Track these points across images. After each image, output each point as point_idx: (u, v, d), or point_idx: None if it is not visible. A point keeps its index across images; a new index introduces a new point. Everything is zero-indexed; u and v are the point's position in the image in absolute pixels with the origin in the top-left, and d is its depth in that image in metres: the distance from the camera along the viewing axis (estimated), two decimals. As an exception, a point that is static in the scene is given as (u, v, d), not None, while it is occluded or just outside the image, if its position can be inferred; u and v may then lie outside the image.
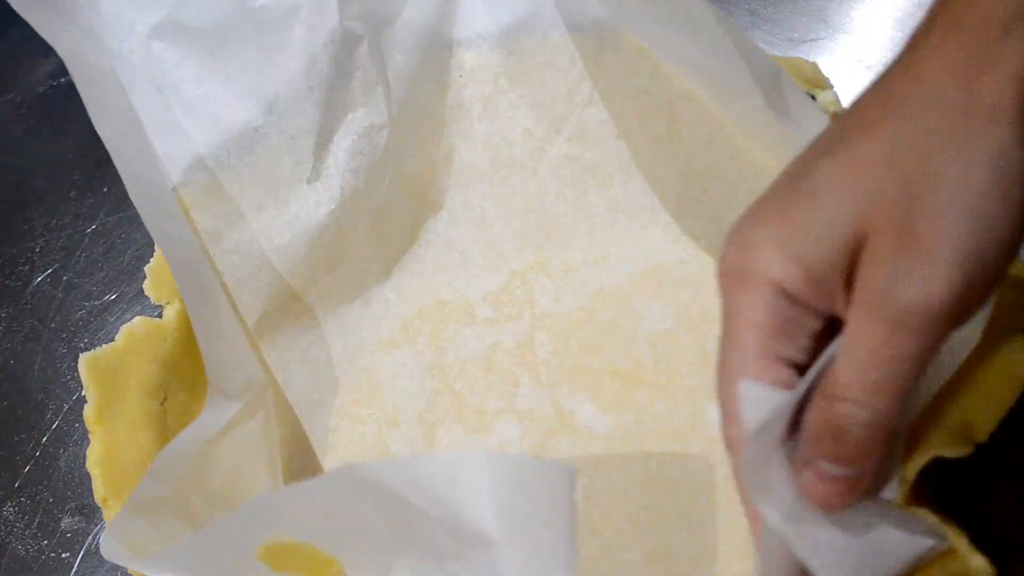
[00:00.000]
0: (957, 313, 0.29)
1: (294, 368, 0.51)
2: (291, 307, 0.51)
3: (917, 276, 0.28)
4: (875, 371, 0.29)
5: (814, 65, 0.48)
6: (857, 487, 0.31)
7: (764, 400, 0.31)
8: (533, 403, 0.50)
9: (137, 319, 0.49)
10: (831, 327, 0.32)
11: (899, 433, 0.31)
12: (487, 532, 0.30)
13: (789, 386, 0.31)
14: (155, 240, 0.45)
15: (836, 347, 0.30)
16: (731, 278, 0.32)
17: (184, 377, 0.48)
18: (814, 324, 0.31)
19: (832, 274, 0.30)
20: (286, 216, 0.50)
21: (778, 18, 0.56)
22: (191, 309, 0.44)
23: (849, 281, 0.30)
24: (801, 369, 0.32)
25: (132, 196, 0.45)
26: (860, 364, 0.29)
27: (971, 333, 0.36)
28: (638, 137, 0.52)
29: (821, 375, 0.31)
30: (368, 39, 0.50)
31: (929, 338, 0.29)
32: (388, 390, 0.51)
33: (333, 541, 0.33)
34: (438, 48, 0.53)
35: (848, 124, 0.31)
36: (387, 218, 0.53)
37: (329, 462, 0.50)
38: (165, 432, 0.47)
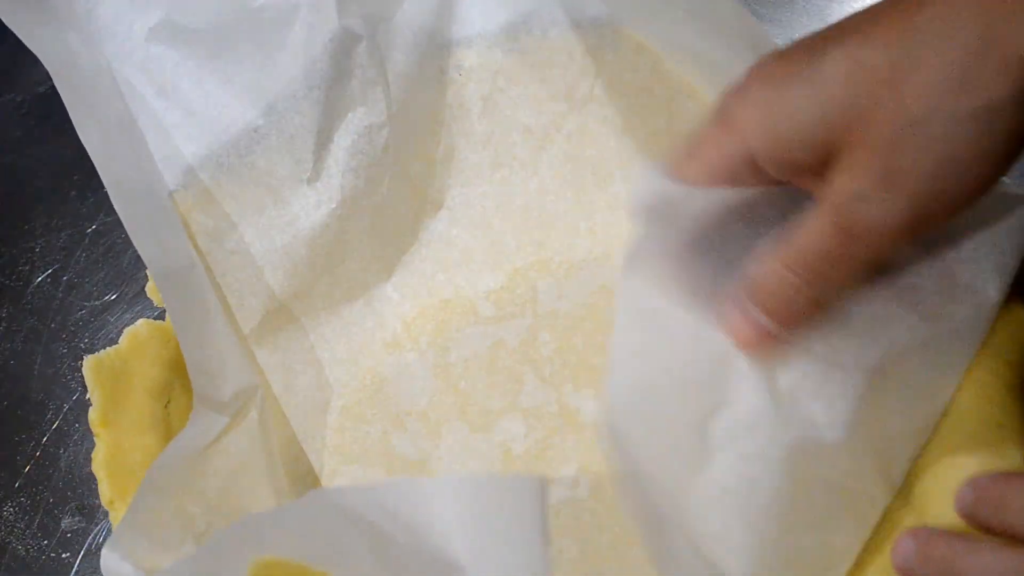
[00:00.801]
0: (906, 237, 0.32)
1: (297, 369, 0.51)
2: (293, 307, 0.51)
3: (879, 202, 0.32)
4: (821, 261, 0.33)
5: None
6: (768, 341, 0.35)
7: (655, 184, 0.35)
8: (537, 401, 0.50)
9: (140, 321, 0.49)
10: None
11: (822, 315, 0.36)
12: (454, 558, 0.31)
13: None
14: (138, 250, 0.44)
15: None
16: (722, 115, 0.35)
17: (187, 379, 0.48)
18: (763, 182, 0.35)
19: (800, 159, 0.33)
20: (287, 216, 0.50)
21: (778, 18, 0.57)
22: (175, 321, 0.44)
23: (820, 169, 0.33)
24: None
25: (116, 204, 0.44)
26: (812, 250, 0.33)
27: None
28: (639, 134, 0.52)
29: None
30: (367, 38, 0.50)
31: (873, 251, 0.33)
32: (392, 390, 0.52)
33: (322, 559, 0.33)
34: (437, 47, 0.53)
35: (869, 19, 0.32)
36: (388, 217, 0.53)
37: (334, 463, 0.50)
38: (169, 434, 0.47)
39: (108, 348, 0.48)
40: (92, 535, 0.52)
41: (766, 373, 0.36)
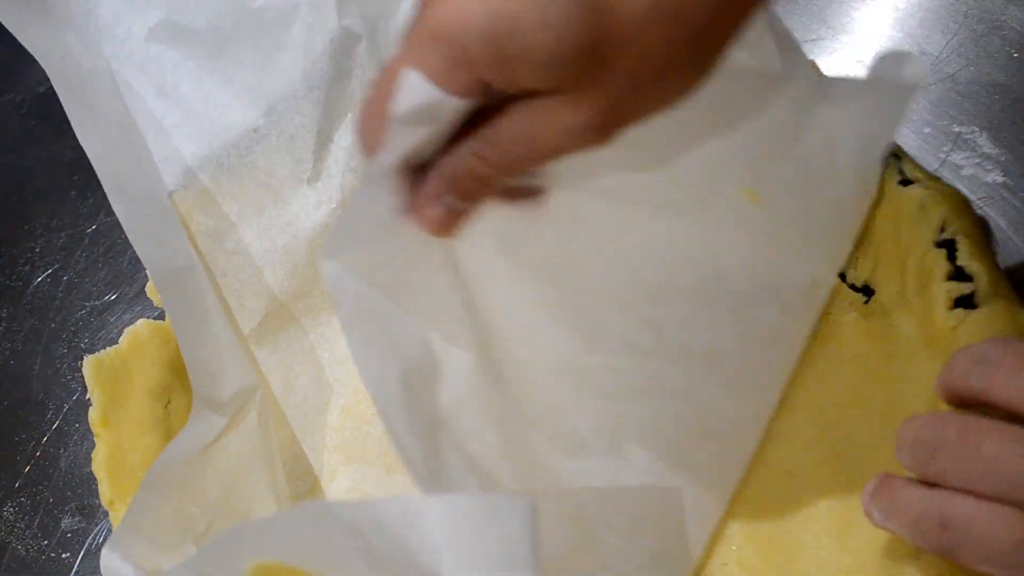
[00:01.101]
0: (592, 141, 0.32)
1: (298, 368, 0.51)
2: (294, 307, 0.51)
3: (560, 109, 0.31)
4: (504, 155, 0.33)
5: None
6: (454, 220, 0.35)
7: (424, 94, 0.31)
8: (538, 400, 0.50)
9: (140, 321, 0.49)
10: None
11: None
12: None
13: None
14: (138, 250, 0.44)
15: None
16: None
17: (187, 379, 0.48)
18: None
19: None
20: (287, 216, 0.50)
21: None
22: (175, 321, 0.44)
23: None
24: None
25: (115, 205, 0.45)
26: (505, 148, 0.33)
27: None
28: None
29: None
30: (367, 38, 0.50)
31: (553, 154, 0.33)
32: (393, 389, 0.51)
33: (318, 565, 0.33)
34: (437, 46, 0.53)
35: None
36: (388, 217, 0.53)
37: (334, 463, 0.50)
38: (170, 434, 0.47)
39: (108, 348, 0.48)
40: (92, 535, 0.52)
41: None
